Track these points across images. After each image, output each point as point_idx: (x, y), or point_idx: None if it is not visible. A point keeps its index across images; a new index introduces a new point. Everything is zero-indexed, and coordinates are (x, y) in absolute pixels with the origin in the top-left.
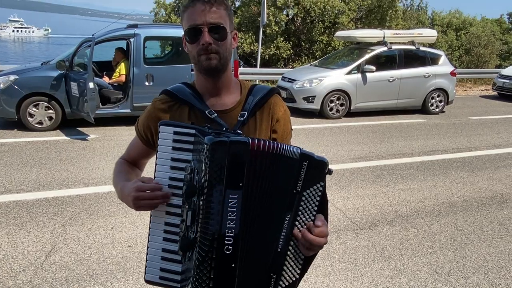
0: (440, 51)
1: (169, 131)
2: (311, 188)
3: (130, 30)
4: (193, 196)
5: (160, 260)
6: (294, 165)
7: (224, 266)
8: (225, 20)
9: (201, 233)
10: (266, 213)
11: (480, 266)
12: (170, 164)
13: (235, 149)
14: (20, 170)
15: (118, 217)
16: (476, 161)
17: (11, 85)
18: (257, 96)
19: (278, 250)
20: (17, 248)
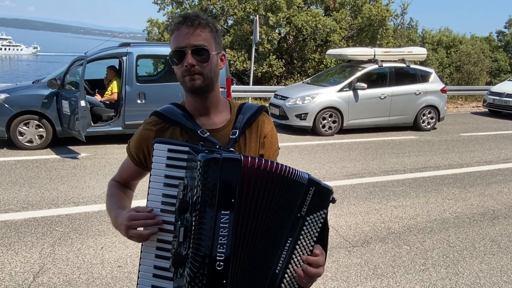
0: (430, 69)
1: (163, 149)
2: (314, 214)
3: (123, 48)
4: (185, 213)
5: (152, 278)
6: (301, 189)
7: (215, 282)
8: (210, 42)
9: (193, 249)
10: (263, 232)
11: (473, 283)
12: (163, 181)
13: (227, 166)
14: (8, 189)
15: (108, 236)
16: (468, 178)
17: (1, 103)
18: (247, 114)
19: (276, 271)
20: (4, 269)
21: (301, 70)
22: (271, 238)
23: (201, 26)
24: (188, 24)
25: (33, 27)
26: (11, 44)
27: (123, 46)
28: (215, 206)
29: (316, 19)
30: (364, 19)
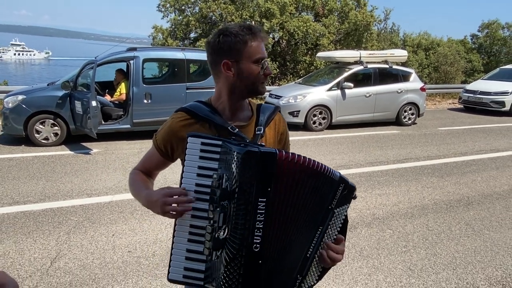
0: (411, 69)
1: (197, 142)
2: (340, 207)
3: (130, 53)
4: (225, 200)
5: (185, 260)
6: (333, 185)
7: (252, 262)
8: None
9: (233, 232)
10: (296, 220)
11: (449, 263)
12: (196, 171)
13: (264, 159)
14: (27, 182)
15: (119, 224)
16: (445, 168)
17: (19, 104)
18: (266, 113)
19: (307, 255)
20: (24, 255)
21: (293, 71)
22: (304, 226)
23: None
24: (262, 38)
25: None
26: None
27: (130, 50)
28: (253, 194)
29: (307, 25)
30: (351, 24)
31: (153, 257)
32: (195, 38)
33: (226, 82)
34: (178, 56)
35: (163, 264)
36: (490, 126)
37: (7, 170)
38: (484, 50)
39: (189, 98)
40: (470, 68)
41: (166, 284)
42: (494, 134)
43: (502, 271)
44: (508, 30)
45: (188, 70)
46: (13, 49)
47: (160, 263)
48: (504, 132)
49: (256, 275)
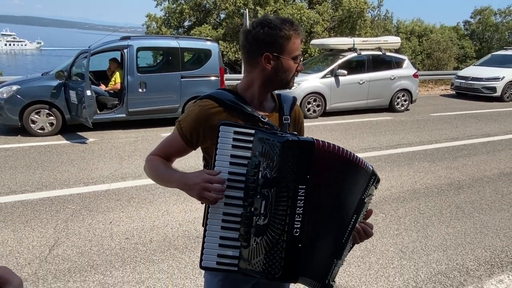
0: (404, 56)
1: (229, 131)
2: (368, 198)
3: (123, 41)
4: (266, 188)
5: (218, 247)
6: (367, 177)
7: (292, 246)
8: None
9: (273, 218)
10: (336, 208)
11: (440, 245)
12: (229, 160)
13: (303, 147)
14: (24, 172)
15: (116, 212)
16: (437, 153)
17: (13, 94)
18: (288, 103)
19: (343, 241)
20: (22, 243)
21: None
22: (340, 213)
23: None
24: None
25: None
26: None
27: (124, 39)
28: (293, 181)
29: (301, 12)
30: (344, 11)
31: (150, 243)
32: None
33: (262, 73)
34: (172, 44)
35: (160, 250)
36: (481, 111)
37: (3, 160)
38: (477, 36)
39: (184, 87)
40: (462, 54)
41: (163, 270)
42: (485, 120)
43: (491, 251)
44: (500, 16)
45: (183, 59)
46: (3, 40)
47: (157, 249)
48: (495, 117)
49: (296, 258)
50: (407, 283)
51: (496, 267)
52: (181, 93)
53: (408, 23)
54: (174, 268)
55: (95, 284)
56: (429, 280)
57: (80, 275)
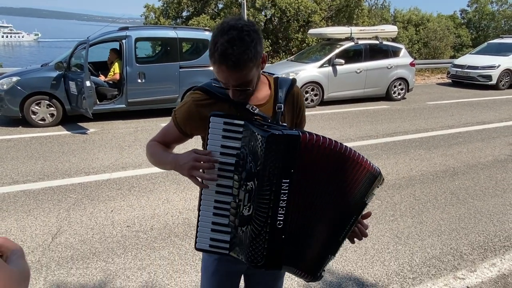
0: (400, 45)
1: (219, 122)
2: (370, 198)
3: (122, 32)
4: (250, 181)
5: (210, 232)
6: (373, 179)
7: (275, 238)
8: (250, 73)
9: (257, 211)
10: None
11: (435, 230)
12: (220, 150)
13: (288, 141)
14: (26, 162)
15: (117, 201)
16: (432, 140)
17: (14, 85)
18: (284, 88)
19: (339, 239)
20: (25, 232)
21: (285, 49)
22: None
23: (241, 67)
24: (229, 68)
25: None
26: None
27: (122, 30)
28: (277, 176)
29: (298, 1)
30: (342, 0)
31: (151, 231)
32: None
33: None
34: (170, 35)
35: (161, 237)
36: (477, 99)
37: (5, 151)
38: (473, 25)
39: (182, 77)
40: (459, 43)
41: (164, 256)
42: (480, 108)
43: (484, 236)
44: (497, 4)
45: (181, 49)
46: (0, 32)
47: (158, 236)
48: (490, 105)
49: (279, 249)
50: (402, 267)
51: (489, 251)
52: (180, 83)
53: (405, 12)
54: (174, 255)
55: (98, 271)
56: (423, 264)
57: (82, 262)
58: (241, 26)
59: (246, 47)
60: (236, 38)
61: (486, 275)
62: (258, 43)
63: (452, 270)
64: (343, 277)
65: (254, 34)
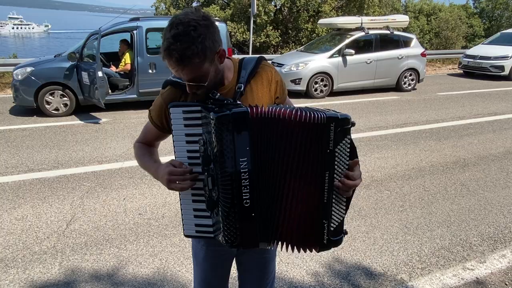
0: (412, 35)
1: (178, 111)
2: (341, 144)
3: (133, 23)
4: (209, 165)
5: (194, 218)
6: (322, 128)
7: (245, 216)
8: (201, 68)
9: (222, 193)
10: (297, 171)
11: (444, 221)
12: (185, 139)
13: (237, 119)
14: (41, 151)
15: (129, 189)
16: (443, 131)
17: (28, 76)
18: (248, 68)
19: (324, 201)
20: (41, 218)
21: (295, 39)
22: (305, 175)
23: (185, 63)
24: (174, 63)
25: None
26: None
27: (133, 20)
28: (233, 155)
29: None
30: None
31: (163, 218)
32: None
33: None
34: None
35: (172, 225)
36: (489, 90)
37: (21, 140)
38: (486, 14)
39: None
40: (471, 33)
41: (175, 243)
42: (492, 98)
43: (494, 227)
44: None
45: None
46: (10, 23)
47: (169, 224)
48: (502, 96)
49: (252, 227)
50: (411, 257)
51: (499, 242)
52: None
53: (417, 2)
54: (185, 242)
55: (111, 257)
56: (432, 255)
57: (96, 248)
58: (188, 20)
59: (191, 42)
60: (181, 33)
61: (496, 266)
62: (207, 38)
63: (461, 261)
64: (351, 266)
65: (202, 28)
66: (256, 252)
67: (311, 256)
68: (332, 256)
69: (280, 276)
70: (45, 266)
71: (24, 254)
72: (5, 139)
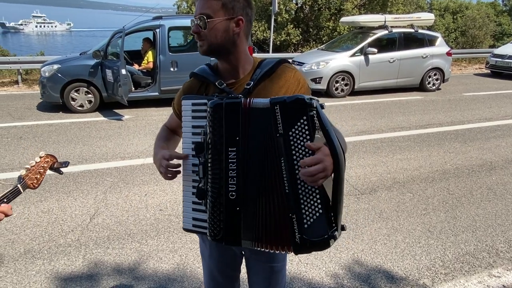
0: (437, 33)
1: (188, 104)
2: (295, 127)
3: (155, 21)
4: (202, 153)
5: (192, 211)
6: (267, 113)
7: (230, 209)
8: (214, 9)
9: (210, 183)
10: (261, 161)
11: (469, 225)
12: (191, 131)
13: (230, 108)
14: (66, 146)
15: (151, 185)
16: (469, 133)
17: (55, 73)
18: (265, 68)
19: (286, 191)
20: (66, 212)
21: (316, 37)
22: (268, 163)
23: None
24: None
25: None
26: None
27: (156, 19)
28: (223, 145)
29: None
30: None
31: None
32: None
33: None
34: None
35: None
36: None
37: (47, 135)
38: None
39: None
40: (499, 31)
41: (195, 240)
42: None
43: None
44: None
45: None
46: (34, 21)
47: None
48: None
49: (236, 221)
50: (434, 262)
51: None
52: None
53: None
54: None
55: (132, 251)
56: (456, 260)
57: (118, 243)
58: None
59: None
60: None
61: None
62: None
63: (487, 268)
64: (371, 269)
65: None
66: (262, 259)
67: (331, 258)
68: (352, 258)
69: (299, 276)
70: (69, 259)
71: (49, 246)
72: (33, 134)
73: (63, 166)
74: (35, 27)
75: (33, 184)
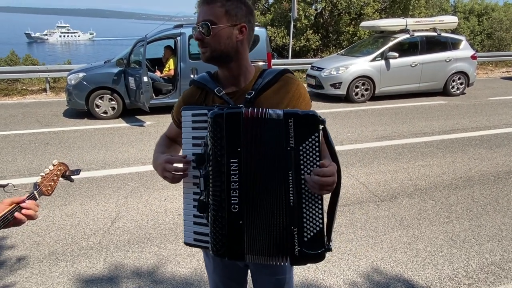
0: (461, 36)
1: (188, 115)
2: (306, 142)
3: (176, 30)
4: (202, 165)
5: (193, 225)
6: (280, 125)
7: (232, 223)
8: (218, 15)
9: (212, 195)
10: (267, 173)
11: (495, 235)
12: (192, 142)
13: (230, 119)
14: (90, 152)
15: (170, 190)
16: (495, 139)
17: (80, 81)
18: (267, 78)
19: (291, 204)
20: (88, 215)
21: (336, 43)
22: (275, 175)
23: (208, 2)
24: (201, 2)
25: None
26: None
27: (177, 27)
28: (224, 156)
29: None
30: None
31: None
32: None
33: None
34: None
35: None
36: None
37: (72, 141)
38: None
39: None
40: None
41: None
42: None
43: None
44: None
45: None
46: (58, 31)
47: None
48: None
49: (239, 235)
50: (457, 271)
51: None
52: None
53: (467, 2)
54: None
55: (151, 255)
56: (481, 271)
57: (138, 246)
58: None
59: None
60: None
61: None
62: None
63: None
64: (391, 278)
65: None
66: (267, 272)
67: (349, 265)
68: (371, 266)
69: (316, 284)
70: (91, 261)
71: (72, 249)
72: (59, 140)
73: (74, 174)
74: (59, 37)
75: (48, 191)
